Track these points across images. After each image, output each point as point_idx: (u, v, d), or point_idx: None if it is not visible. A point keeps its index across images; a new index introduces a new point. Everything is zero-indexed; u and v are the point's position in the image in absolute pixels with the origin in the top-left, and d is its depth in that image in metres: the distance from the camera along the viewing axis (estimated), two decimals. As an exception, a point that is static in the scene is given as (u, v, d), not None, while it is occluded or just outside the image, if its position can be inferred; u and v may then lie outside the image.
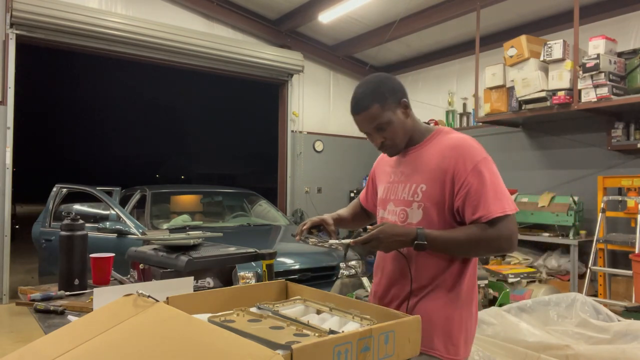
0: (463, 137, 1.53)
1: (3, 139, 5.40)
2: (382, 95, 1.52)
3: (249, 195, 6.35)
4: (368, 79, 1.60)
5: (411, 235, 1.42)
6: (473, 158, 1.46)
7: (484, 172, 1.44)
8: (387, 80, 1.58)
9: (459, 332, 1.51)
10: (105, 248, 2.48)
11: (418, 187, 1.53)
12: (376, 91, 1.53)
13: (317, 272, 4.13)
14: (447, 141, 1.53)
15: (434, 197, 1.49)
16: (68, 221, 2.12)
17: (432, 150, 1.54)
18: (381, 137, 1.56)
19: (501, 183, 1.47)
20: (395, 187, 1.61)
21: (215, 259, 1.97)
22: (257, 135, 37.56)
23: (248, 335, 1.02)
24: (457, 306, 1.51)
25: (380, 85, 1.55)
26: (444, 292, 1.51)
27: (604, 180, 5.00)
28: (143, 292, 1.20)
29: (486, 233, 1.42)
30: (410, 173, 1.57)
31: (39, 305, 1.81)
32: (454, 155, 1.47)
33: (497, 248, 1.48)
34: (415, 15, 6.42)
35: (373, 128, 1.55)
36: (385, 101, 1.52)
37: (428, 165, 1.52)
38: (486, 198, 1.42)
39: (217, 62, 6.81)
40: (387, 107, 1.52)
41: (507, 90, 5.36)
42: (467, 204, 1.44)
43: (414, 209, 1.53)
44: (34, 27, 5.49)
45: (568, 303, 2.88)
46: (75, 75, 74.21)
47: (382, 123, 1.53)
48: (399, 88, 1.58)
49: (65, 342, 1.08)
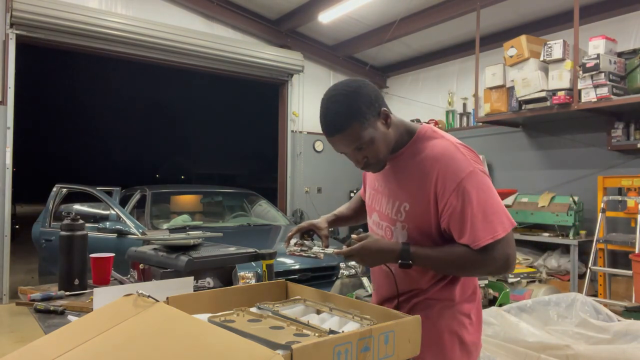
0: (445, 147, 1.33)
1: (3, 139, 5.40)
2: (360, 111, 1.29)
3: (249, 195, 6.35)
4: (338, 91, 1.34)
5: (395, 252, 1.32)
6: (456, 174, 1.27)
7: (468, 191, 1.26)
8: (361, 89, 1.32)
9: (450, 341, 1.41)
10: (105, 248, 2.48)
11: (401, 206, 1.39)
12: (352, 107, 1.29)
13: (317, 272, 4.14)
14: (428, 151, 1.35)
15: (417, 217, 1.36)
16: (68, 221, 2.12)
17: (412, 163, 1.37)
18: (363, 157, 1.35)
19: (491, 199, 1.28)
20: (380, 198, 1.48)
21: (215, 259, 1.97)
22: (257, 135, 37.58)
23: (248, 335, 1.02)
24: (450, 313, 1.41)
25: (356, 98, 1.31)
26: (433, 302, 1.41)
27: (604, 180, 5.00)
28: (143, 292, 1.20)
29: (477, 258, 1.27)
30: (392, 187, 1.42)
31: (39, 305, 1.81)
32: (434, 171, 1.30)
33: (490, 272, 1.35)
34: (415, 15, 6.42)
35: (353, 148, 1.33)
36: (364, 117, 1.29)
37: (410, 181, 1.37)
38: (473, 222, 1.25)
39: (217, 62, 6.81)
40: (368, 124, 1.30)
41: (507, 90, 5.36)
42: (452, 227, 1.30)
43: (398, 228, 1.41)
44: (34, 27, 5.49)
45: (568, 303, 2.88)
46: (75, 75, 74.18)
47: (363, 142, 1.31)
48: (376, 95, 1.34)
49: (65, 342, 1.08)
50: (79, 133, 69.75)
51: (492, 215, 1.26)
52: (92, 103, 73.90)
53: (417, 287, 1.43)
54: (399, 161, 1.41)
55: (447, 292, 1.41)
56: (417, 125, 1.44)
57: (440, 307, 1.41)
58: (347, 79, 1.41)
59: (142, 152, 58.53)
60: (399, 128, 1.40)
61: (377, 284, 1.57)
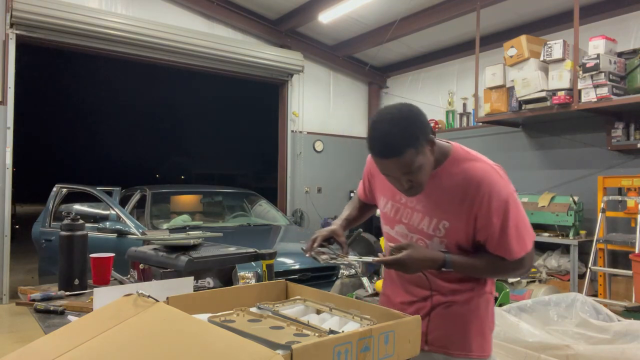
0: (486, 170, 1.42)
1: (3, 139, 5.40)
2: (415, 137, 1.32)
3: (249, 195, 6.35)
4: (394, 114, 1.35)
5: (439, 261, 1.41)
6: (499, 198, 1.39)
7: (507, 213, 1.39)
8: (415, 116, 1.36)
9: (489, 327, 1.55)
10: (105, 248, 2.48)
11: (440, 223, 1.46)
12: (408, 132, 1.32)
13: (317, 272, 4.13)
14: (468, 173, 1.42)
15: (457, 234, 1.45)
16: (68, 221, 2.12)
17: (452, 182, 1.43)
18: (408, 181, 1.38)
19: (523, 219, 1.45)
20: (409, 214, 1.52)
21: (215, 259, 1.97)
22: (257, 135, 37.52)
23: (248, 335, 1.02)
24: (482, 301, 1.54)
25: (411, 124, 1.34)
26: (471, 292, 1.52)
27: (604, 180, 5.00)
28: (143, 292, 1.20)
29: (511, 266, 1.46)
30: (429, 205, 1.48)
31: (39, 305, 1.81)
32: (478, 193, 1.39)
33: (516, 275, 1.64)
34: (415, 15, 6.42)
35: (404, 172, 1.35)
36: (419, 143, 1.33)
37: (450, 200, 1.43)
38: (509, 240, 1.41)
39: (217, 62, 6.81)
40: (420, 150, 1.33)
41: (507, 90, 5.36)
42: (489, 242, 1.44)
43: (435, 242, 1.48)
44: (34, 27, 5.49)
45: (568, 303, 2.88)
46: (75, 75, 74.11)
47: (414, 168, 1.34)
48: (426, 121, 1.38)
49: (65, 342, 1.08)
50: (79, 133, 69.74)
51: (525, 231, 1.45)
52: (92, 103, 73.89)
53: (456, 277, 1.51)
54: (435, 180, 1.45)
55: (483, 283, 1.55)
56: (449, 146, 1.49)
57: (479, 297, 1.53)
58: (398, 104, 1.42)
59: (142, 152, 58.52)
60: (435, 149, 1.43)
61: (408, 282, 1.59)
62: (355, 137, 8.44)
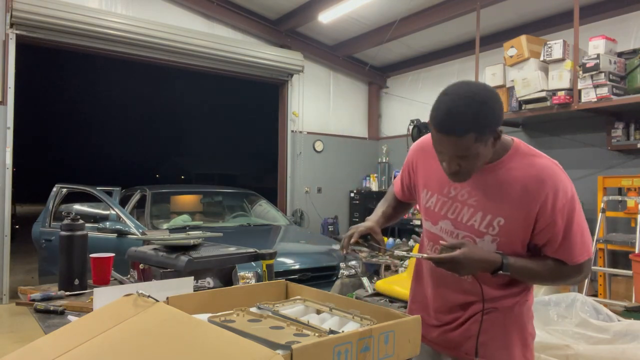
0: (550, 167, 1.34)
1: (3, 139, 5.40)
2: (483, 125, 1.25)
3: (249, 195, 6.35)
4: (470, 93, 1.26)
5: (496, 264, 1.30)
6: (564, 195, 1.30)
7: (572, 213, 1.31)
8: (492, 102, 1.28)
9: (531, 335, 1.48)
10: (105, 248, 2.48)
11: (494, 220, 1.35)
12: (479, 117, 1.24)
13: (317, 272, 4.13)
14: (531, 169, 1.33)
15: (512, 233, 1.34)
16: (68, 221, 2.12)
17: (512, 176, 1.34)
18: (457, 166, 1.30)
19: (584, 222, 1.35)
20: (459, 208, 1.42)
21: (215, 259, 1.97)
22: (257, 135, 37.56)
23: (248, 335, 1.02)
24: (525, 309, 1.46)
25: (485, 109, 1.25)
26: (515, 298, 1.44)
27: (604, 180, 5.00)
28: (143, 292, 1.20)
29: (569, 272, 1.36)
30: (482, 199, 1.37)
31: (39, 305, 1.81)
32: (542, 191, 1.30)
33: (573, 282, 1.47)
34: (415, 15, 6.42)
35: (456, 155, 1.28)
36: (484, 133, 1.25)
37: (508, 195, 1.33)
38: (572, 242, 1.32)
39: (217, 62, 6.81)
40: (482, 139, 1.25)
41: (507, 90, 5.36)
42: (550, 244, 1.33)
43: (487, 241, 1.37)
44: (34, 27, 5.49)
45: (568, 303, 2.88)
46: (75, 75, 74.18)
47: (469, 154, 1.27)
48: (500, 113, 1.30)
49: (65, 342, 1.08)
50: (79, 133, 69.73)
51: (587, 237, 1.36)
52: (92, 103, 73.92)
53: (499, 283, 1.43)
54: (492, 173, 1.37)
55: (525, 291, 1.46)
56: (510, 140, 1.41)
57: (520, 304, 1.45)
58: (481, 84, 1.34)
59: (142, 152, 58.52)
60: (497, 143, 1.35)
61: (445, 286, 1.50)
62: (355, 137, 8.44)
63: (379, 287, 3.89)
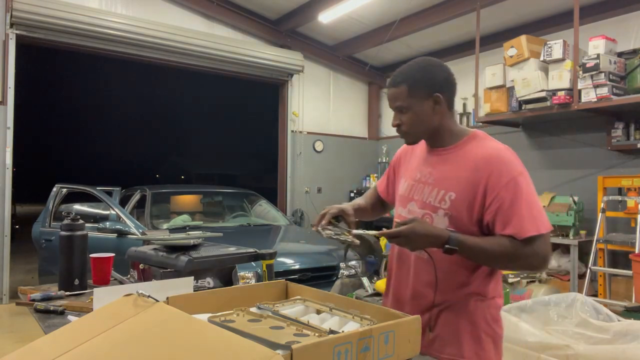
0: (499, 148, 1.44)
1: (3, 139, 5.40)
2: (416, 80, 1.45)
3: (249, 195, 6.35)
4: (420, 60, 1.52)
5: (443, 237, 1.34)
6: (510, 171, 1.38)
7: (519, 187, 1.36)
8: (431, 68, 1.49)
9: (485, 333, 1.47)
10: (105, 248, 2.48)
11: (447, 195, 1.44)
12: (413, 74, 1.46)
13: (317, 272, 4.13)
14: (481, 150, 1.44)
15: (462, 207, 1.41)
16: (68, 221, 2.12)
17: (465, 157, 1.46)
18: (398, 119, 1.50)
19: (537, 200, 1.39)
20: (421, 188, 1.53)
21: (215, 259, 1.97)
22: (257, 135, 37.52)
23: (248, 335, 1.02)
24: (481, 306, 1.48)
25: (421, 70, 1.48)
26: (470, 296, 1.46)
27: (604, 180, 5.00)
28: (143, 292, 1.20)
29: (521, 250, 1.34)
30: (439, 177, 1.49)
31: (39, 305, 1.81)
32: (488, 168, 1.39)
33: (529, 266, 1.42)
34: (415, 15, 6.42)
35: (394, 107, 1.50)
36: (416, 87, 1.45)
37: (459, 173, 1.44)
38: (520, 215, 1.34)
39: (217, 62, 6.81)
40: (414, 94, 1.45)
41: (507, 90, 5.36)
42: (498, 219, 1.37)
43: (440, 215, 1.44)
44: (34, 27, 5.49)
45: (568, 303, 2.88)
46: (75, 75, 74.09)
47: (403, 107, 1.47)
48: (438, 81, 1.47)
49: (65, 342, 1.08)
50: (79, 133, 69.67)
51: (538, 213, 1.37)
52: (92, 103, 73.86)
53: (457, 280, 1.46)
54: (450, 154, 1.50)
55: (484, 287, 1.48)
56: (470, 129, 1.56)
57: (476, 301, 1.47)
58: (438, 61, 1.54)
59: (142, 152, 58.49)
60: (452, 125, 1.53)
61: (414, 271, 1.53)
62: (355, 137, 8.44)
63: (379, 287, 3.88)
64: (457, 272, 1.46)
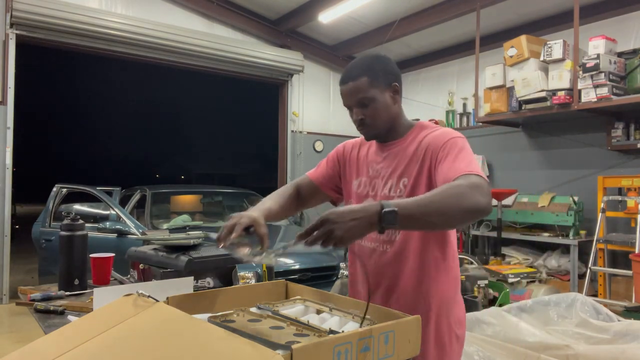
0: (442, 130, 1.46)
1: (3, 139, 5.40)
2: (374, 72, 1.45)
3: (249, 195, 6.35)
4: (365, 55, 1.52)
5: (373, 208, 1.09)
6: (445, 137, 1.40)
7: (455, 145, 1.37)
8: (383, 60, 1.50)
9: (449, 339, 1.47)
10: (105, 248, 2.48)
11: (400, 182, 1.45)
12: (369, 66, 1.46)
13: (317, 272, 4.14)
14: (428, 136, 1.46)
15: (416, 190, 1.41)
16: (68, 221, 2.12)
17: (413, 144, 1.48)
18: (361, 114, 1.48)
19: (474, 159, 1.35)
20: (377, 183, 1.53)
21: (215, 259, 1.97)
22: (257, 135, 37.55)
23: (248, 335, 1.02)
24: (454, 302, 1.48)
25: (375, 62, 1.48)
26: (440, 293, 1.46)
27: (604, 180, 5.00)
28: (143, 292, 1.20)
29: (459, 185, 1.20)
30: (391, 167, 1.50)
31: (39, 305, 1.81)
32: (428, 141, 1.43)
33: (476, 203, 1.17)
34: (415, 15, 6.42)
35: (356, 101, 1.47)
36: (376, 78, 1.44)
37: (408, 158, 1.46)
38: (456, 162, 1.31)
39: (217, 62, 6.81)
40: (376, 85, 1.44)
41: (507, 90, 5.36)
42: (438, 174, 1.34)
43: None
44: (34, 27, 5.49)
45: (568, 303, 2.89)
46: (75, 75, 74.15)
47: (366, 98, 1.44)
48: (394, 71, 1.50)
49: (65, 342, 1.08)
50: (79, 133, 69.64)
51: (474, 166, 1.31)
52: (92, 103, 73.86)
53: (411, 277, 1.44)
54: (400, 145, 1.51)
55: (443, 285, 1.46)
56: (416, 121, 1.60)
57: (439, 301, 1.45)
58: (377, 53, 1.58)
59: (142, 152, 58.52)
60: (404, 117, 1.55)
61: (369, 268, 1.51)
62: (355, 137, 8.43)
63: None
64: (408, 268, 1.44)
